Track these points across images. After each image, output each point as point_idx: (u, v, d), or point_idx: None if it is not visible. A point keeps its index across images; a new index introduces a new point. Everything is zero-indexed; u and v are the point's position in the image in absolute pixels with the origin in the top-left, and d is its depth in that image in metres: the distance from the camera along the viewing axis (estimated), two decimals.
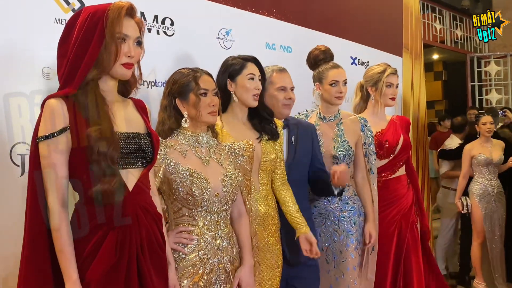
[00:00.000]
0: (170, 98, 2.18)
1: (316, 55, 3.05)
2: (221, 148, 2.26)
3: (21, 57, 2.35)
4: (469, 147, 5.11)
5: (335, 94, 2.98)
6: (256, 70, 2.53)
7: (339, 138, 3.01)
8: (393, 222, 3.34)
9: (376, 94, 3.39)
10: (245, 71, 2.50)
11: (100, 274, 1.67)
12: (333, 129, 3.04)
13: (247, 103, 2.52)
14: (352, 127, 3.08)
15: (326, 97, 3.03)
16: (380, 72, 3.39)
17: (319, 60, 3.04)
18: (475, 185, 5.08)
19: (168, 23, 2.99)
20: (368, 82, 3.43)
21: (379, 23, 4.88)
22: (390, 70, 3.40)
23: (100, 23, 1.72)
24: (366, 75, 3.49)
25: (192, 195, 2.05)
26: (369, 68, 3.52)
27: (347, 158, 2.99)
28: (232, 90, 2.52)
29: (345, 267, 2.92)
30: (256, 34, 3.55)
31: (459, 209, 5.16)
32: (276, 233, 2.54)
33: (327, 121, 3.05)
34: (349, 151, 2.99)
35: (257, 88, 2.50)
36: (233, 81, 2.51)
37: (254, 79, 2.50)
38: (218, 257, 2.10)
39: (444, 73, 11.77)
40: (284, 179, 2.62)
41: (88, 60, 1.71)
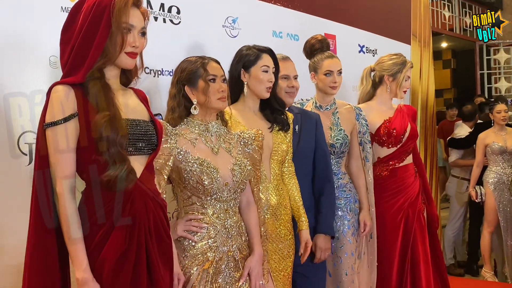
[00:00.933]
0: (179, 86, 2.18)
1: (312, 44, 3.06)
2: (231, 136, 2.26)
3: (28, 45, 2.35)
4: (483, 136, 5.07)
5: (329, 84, 3.00)
6: (270, 62, 2.52)
7: (336, 127, 3.03)
8: (400, 211, 3.33)
9: (393, 84, 3.38)
10: (260, 63, 2.49)
11: (111, 261, 1.67)
12: (329, 118, 3.06)
13: (260, 94, 2.51)
14: (347, 116, 3.10)
15: (321, 87, 3.05)
16: (400, 63, 3.38)
17: (315, 50, 3.06)
18: (490, 174, 5.05)
19: (174, 11, 2.98)
20: (387, 71, 3.39)
21: (387, 10, 4.84)
22: (409, 63, 3.42)
23: (106, 12, 1.71)
24: (383, 63, 3.43)
25: (201, 184, 2.06)
26: (386, 57, 3.46)
27: (343, 147, 3.02)
28: (245, 80, 2.51)
29: (343, 252, 2.96)
30: (263, 22, 3.52)
31: (473, 198, 5.14)
32: (289, 223, 2.54)
33: (323, 110, 3.07)
34: (345, 139, 3.02)
35: (270, 80, 2.49)
36: (247, 72, 2.50)
37: (268, 71, 2.49)
38: (227, 245, 2.11)
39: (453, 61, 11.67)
40: (292, 172, 2.62)
41: (95, 49, 1.71)
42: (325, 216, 2.72)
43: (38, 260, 1.70)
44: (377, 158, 3.38)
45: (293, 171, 2.62)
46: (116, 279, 1.69)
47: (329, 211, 2.76)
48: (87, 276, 1.65)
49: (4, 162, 2.27)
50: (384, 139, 3.34)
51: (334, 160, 3.00)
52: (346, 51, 4.22)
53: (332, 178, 2.83)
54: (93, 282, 1.66)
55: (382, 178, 3.36)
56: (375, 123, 3.34)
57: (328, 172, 2.80)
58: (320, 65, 3.01)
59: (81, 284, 1.65)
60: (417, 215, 3.38)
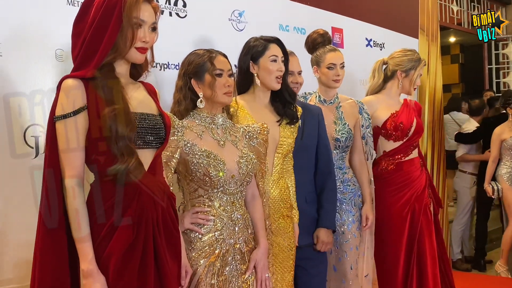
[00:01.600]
0: (185, 79, 2.18)
1: (314, 39, 3.05)
2: (236, 130, 2.26)
3: (34, 38, 2.36)
4: (499, 131, 5.04)
5: (332, 77, 2.99)
6: (278, 51, 2.51)
7: (340, 121, 3.03)
8: (407, 205, 3.33)
9: (406, 81, 3.37)
10: (268, 53, 2.48)
11: (118, 253, 1.68)
12: (333, 112, 3.05)
13: (270, 85, 2.50)
14: (350, 111, 3.10)
15: (324, 81, 3.04)
16: (415, 60, 3.37)
17: (317, 44, 3.05)
18: (503, 169, 5.02)
19: (180, 4, 2.98)
20: (401, 67, 3.38)
21: (395, 4, 4.82)
22: (424, 61, 3.42)
23: (118, 6, 1.72)
24: (398, 58, 3.41)
25: (208, 176, 2.06)
26: (399, 52, 3.44)
27: (348, 141, 3.02)
28: (255, 72, 2.50)
29: (348, 247, 2.97)
30: (269, 16, 3.52)
31: (489, 194, 5.11)
32: (289, 217, 2.54)
33: (327, 104, 3.07)
34: (350, 133, 3.03)
35: (280, 69, 2.49)
36: (256, 63, 2.50)
37: (277, 60, 2.49)
38: (233, 238, 2.12)
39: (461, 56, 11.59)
40: (290, 167, 2.62)
41: (106, 44, 1.72)
42: (327, 210, 2.72)
43: (48, 258, 1.71)
44: (383, 151, 3.37)
45: (292, 166, 2.62)
46: (123, 271, 1.69)
47: (331, 206, 2.76)
48: (92, 268, 1.66)
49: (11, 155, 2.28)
50: (391, 132, 3.33)
51: (338, 154, 3.00)
52: (353, 45, 4.20)
53: (334, 172, 2.83)
54: (98, 273, 1.67)
55: (388, 172, 3.35)
56: (382, 116, 3.33)
57: (330, 166, 2.80)
58: (322, 59, 3.00)
59: (86, 276, 1.66)
60: (424, 209, 3.37)
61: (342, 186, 2.99)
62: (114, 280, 1.69)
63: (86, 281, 1.67)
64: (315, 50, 3.06)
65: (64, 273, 1.71)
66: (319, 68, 3.02)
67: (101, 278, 1.67)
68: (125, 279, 1.70)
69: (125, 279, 1.70)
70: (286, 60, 2.55)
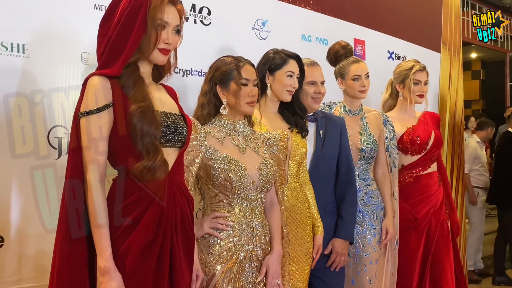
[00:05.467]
0: (211, 84, 2.20)
1: (336, 51, 3.06)
2: (257, 137, 2.27)
3: (61, 41, 2.39)
4: None
5: (358, 88, 2.99)
6: (296, 68, 2.53)
7: (365, 132, 3.03)
8: (424, 220, 3.32)
9: (404, 91, 3.38)
10: (286, 67, 2.51)
11: (136, 250, 1.69)
12: (358, 123, 3.05)
13: (281, 96, 2.53)
14: (375, 122, 3.10)
15: (349, 92, 3.04)
16: (407, 69, 3.37)
17: (339, 56, 3.05)
18: None
19: (205, 12, 3.00)
20: (396, 79, 3.43)
21: (418, 17, 4.80)
22: (417, 66, 3.37)
23: (143, 7, 1.74)
24: (394, 72, 3.48)
25: (230, 181, 2.07)
26: (398, 65, 3.49)
27: (373, 152, 3.01)
28: (269, 83, 2.53)
29: (368, 260, 2.94)
30: (292, 26, 3.53)
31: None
32: (307, 226, 2.53)
33: (353, 114, 3.06)
34: (375, 144, 3.02)
35: (293, 86, 2.51)
36: (272, 75, 2.52)
37: (293, 76, 2.51)
38: (251, 245, 2.12)
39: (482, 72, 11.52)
40: (306, 178, 2.62)
41: (132, 44, 1.74)
42: (345, 221, 2.72)
43: (67, 267, 1.71)
44: (401, 165, 3.37)
45: (308, 178, 2.62)
46: (139, 269, 1.70)
47: (351, 217, 2.75)
48: (109, 265, 1.66)
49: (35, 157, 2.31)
50: (408, 147, 3.33)
51: (363, 165, 2.99)
52: (375, 57, 4.19)
53: (355, 183, 2.82)
54: (115, 271, 1.67)
55: (406, 185, 3.35)
56: (398, 132, 3.32)
57: (351, 177, 2.79)
58: (347, 71, 3.00)
59: (103, 273, 1.66)
60: (441, 224, 3.35)
61: (365, 198, 2.98)
62: (129, 277, 1.69)
63: (103, 278, 1.66)
64: (338, 62, 3.06)
65: (83, 272, 1.72)
66: (344, 80, 3.02)
67: (117, 276, 1.67)
68: (141, 277, 1.70)
69: (140, 277, 1.70)
70: (301, 77, 2.58)
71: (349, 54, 3.06)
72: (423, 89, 3.37)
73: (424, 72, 3.37)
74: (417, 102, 3.40)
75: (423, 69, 3.38)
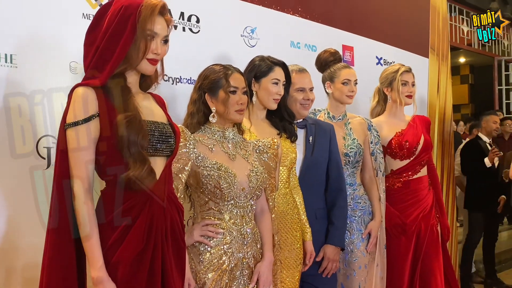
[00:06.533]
0: (200, 93, 2.20)
1: (326, 57, 3.08)
2: (246, 144, 2.27)
3: (49, 51, 2.38)
4: None
5: (347, 92, 3.01)
6: (282, 75, 2.53)
7: (349, 136, 3.05)
8: (413, 224, 3.33)
9: (393, 93, 3.40)
10: (271, 75, 2.51)
11: (127, 260, 1.68)
12: (342, 128, 3.07)
13: (267, 105, 2.54)
14: (359, 127, 3.13)
15: (337, 96, 3.05)
16: (394, 71, 3.40)
17: (329, 62, 3.08)
18: None
19: (194, 20, 3.01)
20: (384, 83, 3.45)
21: (405, 23, 4.83)
22: (403, 68, 3.40)
23: (132, 18, 1.74)
24: (381, 77, 3.50)
25: (219, 188, 2.07)
26: (383, 70, 3.52)
27: (358, 156, 3.03)
28: (255, 90, 2.53)
29: (357, 265, 2.96)
30: (281, 33, 3.54)
31: None
32: (296, 232, 2.53)
33: (336, 120, 3.08)
34: (359, 148, 3.04)
35: (279, 93, 2.51)
36: (257, 82, 2.53)
37: (278, 84, 2.51)
38: (242, 252, 2.12)
39: (471, 77, 11.62)
40: (296, 183, 2.62)
41: (118, 54, 1.74)
42: (336, 228, 2.72)
43: (57, 266, 1.70)
44: (391, 170, 3.38)
45: (297, 183, 2.63)
46: (131, 279, 1.69)
47: (341, 223, 2.76)
48: (102, 275, 1.66)
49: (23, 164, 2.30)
50: (396, 152, 3.34)
51: (349, 170, 3.01)
52: (364, 63, 4.21)
53: (345, 189, 2.83)
54: (109, 281, 1.66)
55: (395, 190, 3.36)
56: (387, 136, 3.34)
57: (341, 183, 2.80)
58: (337, 74, 3.02)
59: (96, 283, 1.66)
60: (430, 229, 3.36)
61: (352, 203, 2.99)
62: None
63: None
64: (327, 68, 3.08)
65: (72, 278, 1.71)
66: (333, 84, 3.04)
67: (111, 286, 1.66)
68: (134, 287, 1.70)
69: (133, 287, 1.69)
70: (287, 85, 2.58)
71: (338, 61, 3.09)
72: (411, 90, 3.39)
73: (410, 74, 3.40)
74: (406, 103, 3.41)
75: (409, 70, 3.41)
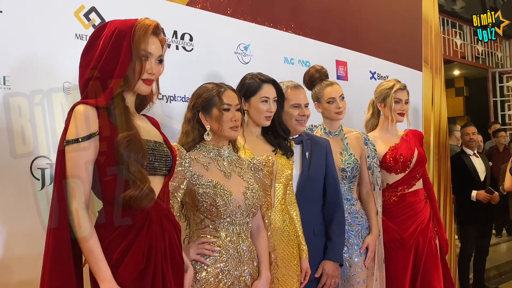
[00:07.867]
0: (194, 111, 2.21)
1: (311, 75, 3.09)
2: (241, 162, 2.28)
3: (42, 71, 2.39)
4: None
5: (334, 110, 3.03)
6: (272, 92, 2.52)
7: (346, 151, 3.07)
8: (411, 238, 3.33)
9: (385, 110, 3.42)
10: (260, 93, 2.50)
11: (128, 279, 1.67)
12: (339, 143, 3.09)
13: (259, 122, 2.54)
14: (356, 142, 3.14)
15: (327, 115, 3.09)
16: (388, 88, 3.42)
17: (314, 79, 3.08)
18: None
19: (187, 38, 3.02)
20: (377, 98, 3.48)
21: (398, 37, 4.87)
22: (398, 85, 3.41)
23: (126, 39, 1.75)
24: (375, 91, 3.53)
25: (215, 206, 2.07)
26: (379, 85, 3.55)
27: (354, 171, 3.04)
28: (246, 108, 2.53)
29: (356, 280, 2.95)
30: (274, 49, 3.56)
31: None
32: (293, 248, 2.52)
33: (332, 136, 3.10)
34: (356, 163, 3.05)
35: (270, 110, 2.51)
36: (247, 101, 2.52)
37: (268, 101, 2.50)
38: (239, 270, 2.11)
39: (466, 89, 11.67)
40: (292, 199, 2.62)
41: (118, 75, 1.74)
42: (335, 243, 2.71)
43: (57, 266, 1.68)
44: (386, 184, 3.39)
45: (294, 199, 2.62)
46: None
47: (339, 239, 2.75)
48: (112, 286, 1.65)
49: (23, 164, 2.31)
50: (391, 165, 3.36)
51: (346, 185, 3.01)
52: (357, 77, 4.24)
53: (342, 204, 2.82)
54: None
55: (391, 204, 3.37)
56: (381, 151, 3.36)
57: (338, 198, 2.80)
58: (321, 94, 3.04)
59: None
60: (428, 242, 3.36)
61: (349, 218, 2.99)
62: None
63: None
64: (313, 86, 3.09)
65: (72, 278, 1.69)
66: (320, 104, 3.06)
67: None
68: None
69: None
70: (281, 100, 2.57)
71: (324, 77, 3.08)
72: (403, 108, 3.41)
73: (404, 91, 3.42)
74: (398, 120, 3.44)
75: (404, 88, 3.42)
